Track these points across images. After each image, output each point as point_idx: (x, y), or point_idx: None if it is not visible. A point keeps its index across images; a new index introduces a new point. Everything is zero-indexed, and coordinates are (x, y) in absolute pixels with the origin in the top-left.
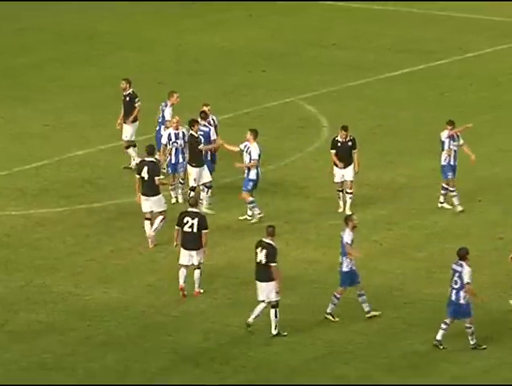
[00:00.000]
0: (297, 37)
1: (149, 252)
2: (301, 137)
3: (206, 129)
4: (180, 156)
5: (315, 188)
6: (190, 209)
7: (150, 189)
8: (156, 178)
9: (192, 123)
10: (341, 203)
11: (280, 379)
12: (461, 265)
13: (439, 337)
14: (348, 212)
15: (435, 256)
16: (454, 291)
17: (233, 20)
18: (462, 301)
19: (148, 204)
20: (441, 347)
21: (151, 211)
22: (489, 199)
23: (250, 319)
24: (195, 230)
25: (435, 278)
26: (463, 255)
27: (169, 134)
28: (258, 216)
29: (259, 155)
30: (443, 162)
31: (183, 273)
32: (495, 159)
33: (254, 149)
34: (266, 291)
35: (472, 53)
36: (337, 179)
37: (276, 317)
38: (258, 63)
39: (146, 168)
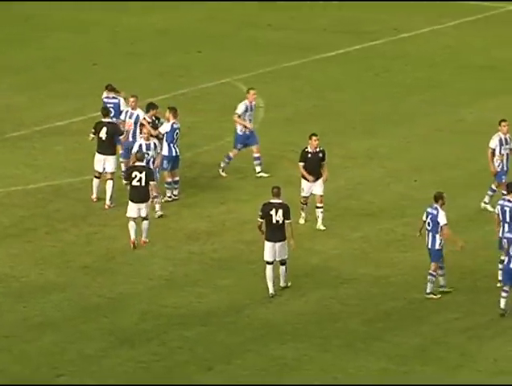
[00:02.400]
0: (233, 18)
1: (84, 233)
2: None
3: (115, 100)
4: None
5: (251, 168)
6: (138, 163)
7: (108, 148)
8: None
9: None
10: (304, 214)
11: (217, 360)
12: (436, 209)
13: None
14: (321, 227)
15: (370, 237)
16: (430, 235)
17: (169, 2)
18: (437, 247)
19: (101, 164)
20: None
21: (104, 170)
22: (425, 179)
23: (271, 290)
24: (143, 184)
25: (371, 258)
26: (438, 197)
27: (140, 145)
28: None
29: (167, 132)
30: (497, 169)
31: (132, 226)
32: (431, 139)
33: (165, 125)
34: (280, 251)
35: (407, 33)
36: (305, 193)
37: (286, 271)
38: (194, 44)
39: (105, 128)
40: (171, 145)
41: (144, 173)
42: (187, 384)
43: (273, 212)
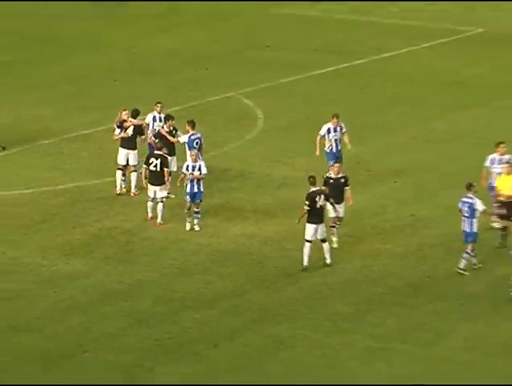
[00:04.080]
0: (236, 40)
1: (106, 228)
2: (240, 127)
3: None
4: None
5: (252, 171)
6: (155, 152)
7: (131, 143)
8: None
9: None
10: (334, 238)
11: (222, 338)
12: (471, 197)
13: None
14: (335, 245)
15: (356, 231)
16: (467, 220)
17: (179, 25)
18: (475, 230)
19: (124, 157)
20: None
21: (127, 164)
22: (404, 182)
23: (306, 263)
24: (158, 169)
25: (356, 250)
26: (470, 187)
27: (187, 166)
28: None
29: (186, 142)
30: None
31: (150, 205)
32: (408, 146)
33: (184, 136)
34: (321, 231)
35: (388, 53)
36: (332, 214)
37: (330, 248)
38: (202, 62)
39: (132, 127)
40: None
41: (159, 160)
42: (181, 385)
43: (317, 198)
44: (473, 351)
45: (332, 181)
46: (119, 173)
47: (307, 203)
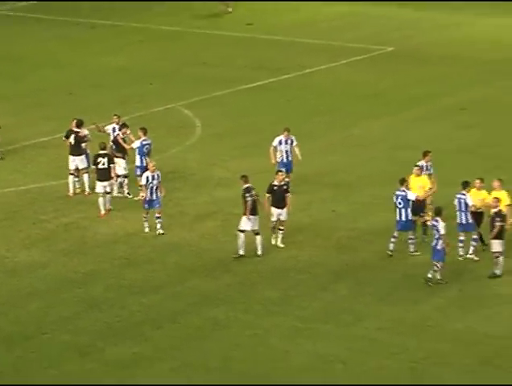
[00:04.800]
0: (176, 57)
1: (63, 224)
2: (180, 135)
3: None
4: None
5: (191, 173)
6: (100, 152)
7: (77, 150)
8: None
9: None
10: (274, 241)
11: (165, 320)
12: (437, 221)
13: (430, 275)
14: (280, 245)
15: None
16: (434, 240)
17: (128, 44)
18: (438, 247)
19: (73, 163)
20: (431, 284)
21: (76, 168)
22: (325, 182)
23: (242, 252)
24: (106, 166)
25: (285, 242)
26: (437, 212)
27: (147, 176)
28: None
29: (139, 147)
30: None
31: (101, 201)
32: (328, 151)
33: (137, 142)
34: (255, 223)
35: (310, 69)
36: (274, 218)
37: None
38: (147, 78)
39: (73, 136)
40: (142, 157)
41: (107, 158)
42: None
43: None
44: (387, 330)
45: (275, 188)
46: (71, 177)
47: (247, 195)
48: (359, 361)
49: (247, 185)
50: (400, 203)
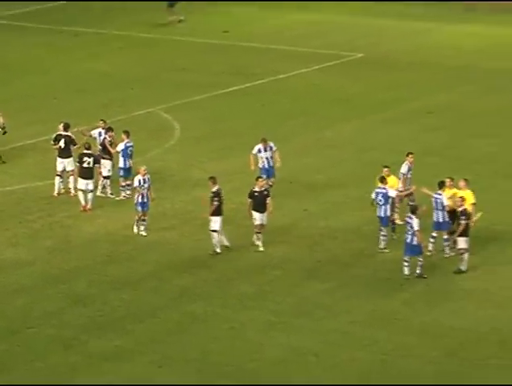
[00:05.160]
0: (156, 64)
1: (48, 223)
2: (160, 137)
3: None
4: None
5: (170, 174)
6: (86, 151)
7: (65, 153)
8: (73, 146)
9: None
10: (259, 242)
11: (146, 315)
12: (411, 218)
13: (406, 272)
14: (258, 244)
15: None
16: (409, 236)
17: (109, 51)
18: (415, 243)
19: (61, 165)
20: (420, 276)
21: (64, 170)
22: (299, 182)
23: (219, 249)
24: (91, 165)
25: (263, 240)
26: (413, 210)
27: (139, 180)
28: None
29: (123, 150)
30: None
31: (81, 196)
32: (302, 152)
33: (121, 144)
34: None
35: (284, 75)
36: (258, 222)
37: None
38: (128, 83)
39: (63, 139)
40: (125, 159)
41: (92, 158)
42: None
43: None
44: (358, 324)
45: (256, 194)
46: (57, 178)
47: (216, 198)
48: (331, 353)
49: (217, 188)
50: (381, 200)
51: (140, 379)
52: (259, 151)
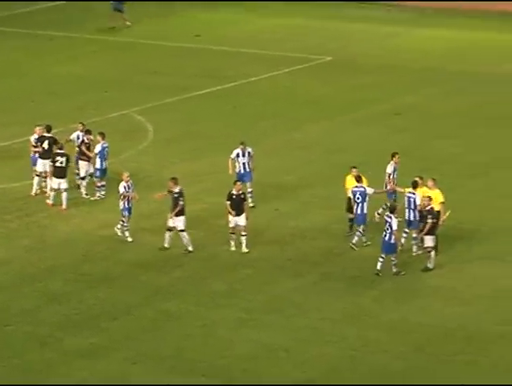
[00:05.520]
0: (129, 66)
1: (24, 223)
2: (133, 139)
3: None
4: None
5: (143, 175)
6: (59, 151)
7: (47, 154)
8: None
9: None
10: (232, 242)
11: (120, 313)
12: (390, 217)
13: (379, 267)
14: (245, 250)
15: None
16: (387, 235)
17: (83, 54)
18: (392, 241)
19: (42, 165)
20: (380, 274)
21: (44, 171)
22: (269, 183)
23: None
24: (64, 165)
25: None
26: (392, 209)
27: (124, 186)
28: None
29: (100, 151)
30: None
31: (52, 194)
32: (272, 154)
33: (98, 146)
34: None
35: (255, 77)
36: (232, 224)
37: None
38: (103, 86)
39: (46, 141)
40: (102, 160)
41: (65, 158)
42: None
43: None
44: (328, 320)
45: (234, 196)
46: (36, 178)
47: (181, 198)
48: (301, 350)
49: (179, 188)
50: (358, 198)
51: (115, 375)
52: (237, 156)
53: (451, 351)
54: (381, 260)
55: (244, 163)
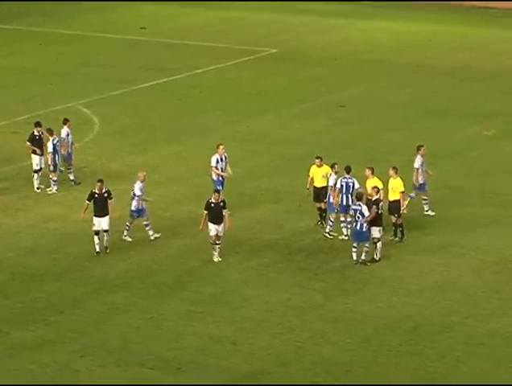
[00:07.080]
0: (75, 60)
1: None
2: (79, 132)
3: None
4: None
5: (90, 167)
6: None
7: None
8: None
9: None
10: (215, 253)
11: (67, 306)
12: (360, 205)
13: (355, 257)
14: (218, 259)
15: (176, 216)
16: (358, 224)
17: (28, 47)
18: (364, 230)
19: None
20: (363, 263)
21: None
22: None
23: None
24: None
25: (177, 233)
26: (359, 197)
27: (140, 188)
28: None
29: (52, 148)
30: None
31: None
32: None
33: (49, 143)
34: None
35: (200, 70)
36: (213, 233)
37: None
38: (48, 78)
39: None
40: (56, 154)
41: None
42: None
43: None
44: (274, 312)
45: (213, 205)
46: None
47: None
48: (248, 341)
49: (107, 189)
50: (343, 189)
51: (62, 368)
52: (217, 162)
53: (397, 341)
54: (354, 250)
55: (222, 169)
